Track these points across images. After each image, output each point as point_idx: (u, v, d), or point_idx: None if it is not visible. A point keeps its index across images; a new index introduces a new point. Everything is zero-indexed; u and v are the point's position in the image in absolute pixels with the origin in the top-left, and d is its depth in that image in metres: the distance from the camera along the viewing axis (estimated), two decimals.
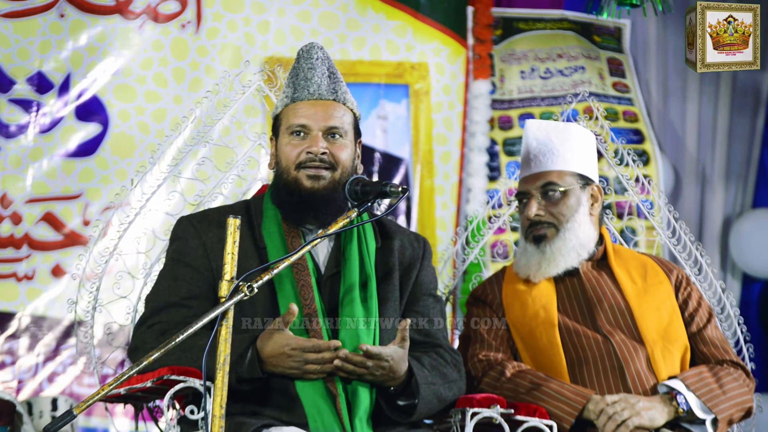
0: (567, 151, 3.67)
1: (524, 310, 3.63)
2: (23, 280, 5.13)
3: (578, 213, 3.65)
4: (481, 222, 4.14)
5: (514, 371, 3.53)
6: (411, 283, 3.28)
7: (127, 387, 3.02)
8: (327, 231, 2.99)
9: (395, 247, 3.28)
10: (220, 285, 2.72)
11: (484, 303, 3.72)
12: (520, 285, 3.68)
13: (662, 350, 3.55)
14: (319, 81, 3.20)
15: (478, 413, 3.21)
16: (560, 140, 3.67)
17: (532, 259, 3.65)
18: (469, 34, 5.84)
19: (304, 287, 3.12)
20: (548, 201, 3.65)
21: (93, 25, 5.27)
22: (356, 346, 3.06)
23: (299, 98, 3.21)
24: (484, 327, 3.67)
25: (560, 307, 3.62)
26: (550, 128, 3.71)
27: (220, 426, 2.67)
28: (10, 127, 5.18)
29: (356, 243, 3.20)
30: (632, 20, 6.07)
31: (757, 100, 6.21)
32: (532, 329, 3.60)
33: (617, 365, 3.51)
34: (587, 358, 3.53)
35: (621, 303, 3.61)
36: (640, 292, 3.64)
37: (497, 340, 3.63)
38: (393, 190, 3.05)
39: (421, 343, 3.25)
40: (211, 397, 2.71)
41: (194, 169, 4.02)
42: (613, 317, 3.59)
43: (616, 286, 3.64)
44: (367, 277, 3.17)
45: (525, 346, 3.61)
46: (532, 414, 3.31)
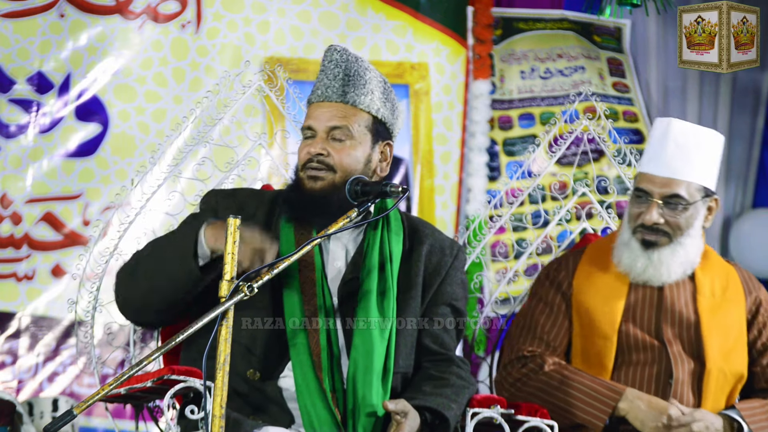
0: (700, 161, 3.53)
1: (592, 298, 3.56)
2: (23, 280, 5.13)
3: (693, 227, 3.53)
4: (483, 221, 4.14)
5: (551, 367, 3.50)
6: (432, 291, 3.25)
7: (127, 387, 3.01)
8: (327, 231, 2.98)
9: (423, 252, 3.25)
10: (220, 285, 2.71)
11: (554, 282, 3.63)
12: (596, 271, 3.61)
13: (718, 374, 3.48)
14: (328, 83, 3.19)
15: (478, 413, 3.21)
16: (697, 148, 3.54)
17: (639, 261, 3.54)
18: (469, 34, 5.84)
19: (305, 284, 3.12)
20: (669, 210, 3.51)
21: (93, 25, 5.27)
22: (369, 347, 3.06)
23: (311, 100, 3.23)
24: (542, 316, 3.60)
25: (628, 308, 3.54)
26: (691, 134, 3.56)
27: (220, 426, 2.67)
28: (10, 127, 5.18)
29: (378, 249, 3.19)
30: (632, 20, 6.07)
31: (757, 100, 6.21)
32: (592, 319, 3.54)
33: (664, 375, 3.47)
34: (636, 362, 3.50)
35: (692, 317, 3.53)
36: (714, 306, 3.55)
37: (551, 334, 3.58)
38: (393, 190, 3.04)
39: (434, 352, 3.23)
40: (211, 397, 2.71)
41: (194, 169, 4.02)
42: (678, 328, 3.52)
43: (693, 297, 3.56)
44: (386, 287, 3.15)
45: (581, 332, 3.55)
46: (533, 414, 3.30)
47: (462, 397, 3.18)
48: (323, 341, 3.07)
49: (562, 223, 4.11)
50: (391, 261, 3.17)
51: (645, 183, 3.57)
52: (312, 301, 3.10)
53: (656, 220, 3.51)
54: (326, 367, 3.05)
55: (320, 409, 3.01)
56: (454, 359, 3.25)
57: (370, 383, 3.05)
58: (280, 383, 3.08)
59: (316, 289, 3.11)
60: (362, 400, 3.04)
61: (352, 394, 3.05)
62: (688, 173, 3.53)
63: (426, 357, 3.22)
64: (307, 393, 3.02)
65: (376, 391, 3.05)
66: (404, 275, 3.20)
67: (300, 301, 3.09)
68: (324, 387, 3.02)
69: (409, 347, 3.19)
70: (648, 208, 3.53)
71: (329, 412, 3.01)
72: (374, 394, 3.05)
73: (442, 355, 3.24)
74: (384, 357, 3.09)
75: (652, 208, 3.52)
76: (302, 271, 3.13)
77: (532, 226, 4.24)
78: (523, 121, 5.94)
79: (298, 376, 3.04)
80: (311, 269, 3.14)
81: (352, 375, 3.06)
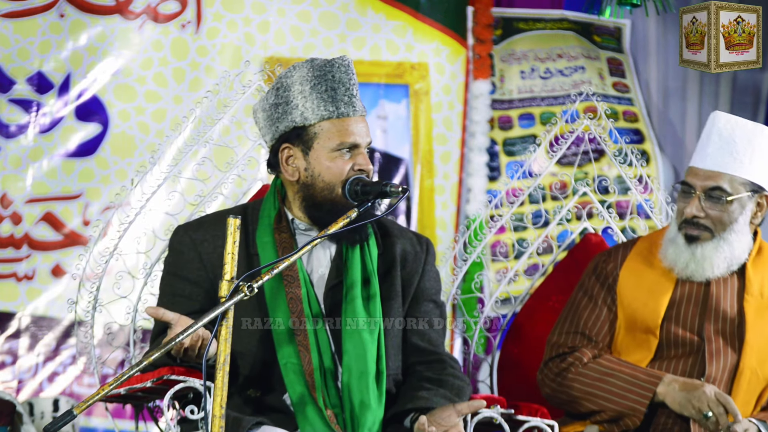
0: (747, 155, 3.48)
1: (637, 292, 3.55)
2: (23, 280, 5.12)
3: (738, 222, 3.48)
4: (483, 221, 4.14)
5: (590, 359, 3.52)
6: (413, 289, 3.26)
7: (127, 387, 3.01)
8: (327, 231, 2.98)
9: (397, 252, 3.25)
10: (220, 285, 2.71)
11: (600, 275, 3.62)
12: (644, 265, 3.60)
13: (750, 375, 3.48)
14: (357, 96, 3.17)
15: (478, 413, 3.21)
16: (743, 141, 3.49)
17: (682, 256, 3.52)
18: (469, 34, 5.84)
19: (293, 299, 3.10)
20: (711, 204, 3.48)
21: (93, 25, 5.26)
22: (360, 350, 3.05)
23: (345, 114, 3.14)
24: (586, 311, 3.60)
25: (672, 304, 3.53)
26: (737, 126, 3.51)
27: (220, 426, 2.67)
28: (10, 127, 5.17)
29: (358, 249, 3.19)
30: (632, 20, 6.07)
31: (757, 100, 6.20)
32: (636, 312, 3.54)
33: (698, 369, 3.48)
34: (673, 356, 3.51)
35: (735, 315, 3.51)
36: (761, 307, 3.53)
37: (594, 329, 3.58)
38: (393, 190, 3.04)
39: (422, 350, 3.23)
40: (211, 397, 2.71)
41: (194, 169, 4.02)
42: (721, 326, 3.51)
43: (740, 295, 3.53)
44: (369, 280, 3.15)
45: (624, 325, 3.55)
46: (534, 414, 3.30)
47: (463, 397, 3.18)
48: (315, 360, 3.06)
49: (562, 222, 4.11)
50: (372, 262, 3.18)
51: (689, 176, 3.54)
52: (300, 317, 3.09)
53: (695, 213, 3.48)
54: (320, 384, 3.04)
55: (319, 428, 3.00)
56: (446, 359, 3.26)
57: (366, 387, 3.05)
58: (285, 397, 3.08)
59: (302, 305, 3.10)
60: (360, 405, 3.04)
61: (349, 402, 3.05)
62: (731, 166, 3.49)
63: (416, 356, 3.22)
64: (303, 415, 3.02)
65: (372, 393, 3.05)
66: (382, 277, 3.20)
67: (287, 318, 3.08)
68: (320, 406, 3.02)
69: (397, 349, 3.19)
70: (690, 202, 3.51)
71: (329, 428, 3.00)
72: (371, 397, 3.04)
73: (433, 354, 3.24)
74: (376, 359, 3.09)
75: (693, 201, 3.50)
76: (287, 287, 3.11)
77: (532, 226, 4.24)
78: (523, 121, 5.94)
79: (293, 397, 3.04)
80: (297, 285, 3.11)
81: (347, 383, 3.05)
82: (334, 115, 3.12)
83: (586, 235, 4.09)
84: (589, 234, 4.09)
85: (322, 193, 3.13)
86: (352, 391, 3.04)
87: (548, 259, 4.14)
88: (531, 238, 4.21)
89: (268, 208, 3.20)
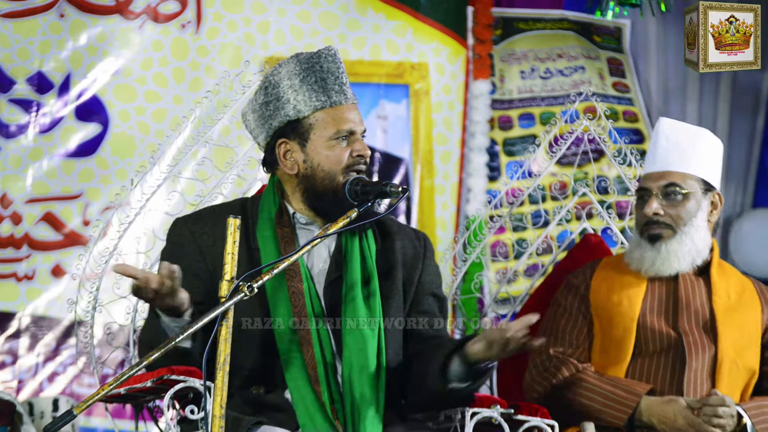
0: (694, 154, 3.66)
1: (609, 296, 3.64)
2: (23, 280, 5.13)
3: (696, 218, 3.63)
4: (483, 221, 4.14)
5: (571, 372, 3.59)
6: (414, 284, 3.26)
7: (127, 387, 3.01)
8: (327, 231, 2.98)
9: (396, 248, 3.25)
10: (220, 285, 2.71)
11: (571, 288, 3.73)
12: (613, 273, 3.69)
13: (730, 365, 3.57)
14: (347, 84, 3.19)
15: (478, 413, 3.21)
16: (689, 143, 3.66)
17: (647, 255, 3.64)
18: (469, 34, 5.84)
19: (295, 293, 3.10)
20: (669, 201, 3.63)
21: (93, 25, 5.27)
22: (361, 344, 3.06)
23: (338, 102, 3.16)
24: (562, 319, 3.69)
25: (645, 303, 3.63)
26: (681, 129, 3.72)
27: (220, 426, 2.67)
28: (10, 127, 5.18)
29: (357, 243, 3.19)
30: (632, 20, 6.07)
31: (757, 100, 6.20)
32: (611, 316, 3.62)
33: (680, 361, 3.55)
34: (654, 352, 3.57)
35: (707, 312, 3.62)
36: (729, 308, 3.64)
37: (572, 334, 3.67)
38: (393, 190, 3.04)
39: (430, 335, 3.24)
40: (211, 397, 2.71)
41: (194, 169, 4.02)
42: (695, 320, 3.60)
43: (709, 297, 3.64)
44: (370, 276, 3.15)
45: (600, 329, 3.64)
46: (534, 414, 3.30)
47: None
48: (317, 354, 3.06)
49: (562, 223, 4.11)
50: (371, 257, 3.18)
51: (644, 182, 3.69)
52: (303, 312, 3.09)
53: (656, 210, 3.62)
54: (323, 379, 3.04)
55: (320, 423, 3.00)
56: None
57: (368, 380, 3.05)
58: (286, 394, 3.08)
59: (304, 299, 3.10)
60: (360, 398, 3.04)
61: (350, 396, 3.05)
62: (682, 165, 3.65)
63: (423, 342, 3.21)
64: (305, 409, 3.01)
65: (373, 387, 3.05)
66: (383, 275, 3.20)
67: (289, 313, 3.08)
68: (323, 400, 3.02)
69: (398, 344, 3.19)
70: (648, 203, 3.64)
71: (330, 424, 3.00)
72: (372, 391, 3.05)
73: (437, 339, 3.25)
74: (377, 353, 3.09)
75: (652, 201, 3.63)
76: (289, 281, 3.11)
77: (532, 226, 4.25)
78: (523, 121, 5.94)
79: (294, 392, 3.03)
80: (299, 279, 3.12)
81: (347, 377, 3.05)
82: (327, 105, 3.14)
83: (586, 236, 4.09)
84: (589, 234, 4.09)
85: (323, 182, 3.14)
86: (353, 385, 3.04)
87: (548, 259, 4.14)
88: (531, 239, 4.21)
89: (268, 203, 3.20)
